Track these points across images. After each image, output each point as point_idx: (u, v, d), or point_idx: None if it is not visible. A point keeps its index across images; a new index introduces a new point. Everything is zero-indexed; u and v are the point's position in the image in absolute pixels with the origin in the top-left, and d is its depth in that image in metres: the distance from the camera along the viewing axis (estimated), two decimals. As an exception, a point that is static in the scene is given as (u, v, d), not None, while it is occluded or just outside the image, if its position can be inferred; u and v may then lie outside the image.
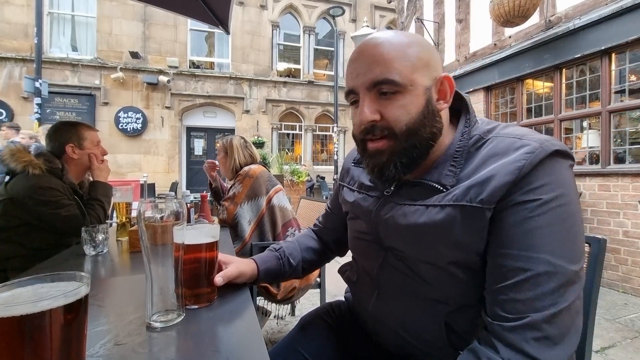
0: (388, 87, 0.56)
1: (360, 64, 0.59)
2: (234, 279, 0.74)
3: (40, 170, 1.36)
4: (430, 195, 0.60)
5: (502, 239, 0.52)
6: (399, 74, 0.56)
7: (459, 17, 5.19)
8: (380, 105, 0.58)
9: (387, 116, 0.58)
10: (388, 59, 0.56)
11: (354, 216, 0.76)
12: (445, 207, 0.56)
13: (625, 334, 2.25)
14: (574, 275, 0.49)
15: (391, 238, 0.66)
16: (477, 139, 0.59)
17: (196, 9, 2.06)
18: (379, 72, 0.56)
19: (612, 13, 3.18)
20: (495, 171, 0.53)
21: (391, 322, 0.68)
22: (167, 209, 0.60)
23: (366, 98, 0.58)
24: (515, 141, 0.54)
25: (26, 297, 0.37)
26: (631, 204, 3.08)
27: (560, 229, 0.50)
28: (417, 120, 0.57)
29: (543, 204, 0.50)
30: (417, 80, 0.57)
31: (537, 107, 4.17)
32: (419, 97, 0.58)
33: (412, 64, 0.57)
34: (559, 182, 0.51)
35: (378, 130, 0.59)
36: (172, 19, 9.50)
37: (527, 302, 0.48)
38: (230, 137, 1.99)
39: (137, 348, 0.52)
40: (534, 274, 0.48)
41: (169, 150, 9.69)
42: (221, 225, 1.72)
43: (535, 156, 0.51)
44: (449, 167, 0.59)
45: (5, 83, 8.35)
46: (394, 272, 0.66)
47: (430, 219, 0.58)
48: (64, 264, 1.05)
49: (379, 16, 11.82)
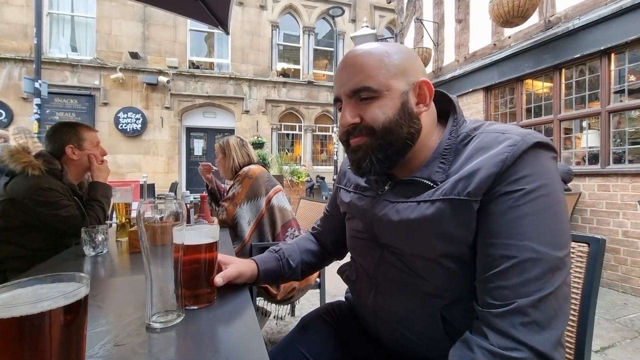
0: (366, 94, 0.62)
1: (343, 74, 0.65)
2: (233, 279, 0.74)
3: (39, 171, 1.36)
4: (421, 192, 0.63)
5: (488, 229, 0.54)
6: (375, 82, 0.61)
7: (459, 17, 5.19)
8: (360, 110, 0.63)
9: (366, 118, 0.63)
10: (367, 69, 0.62)
11: (351, 216, 0.79)
12: (435, 201, 0.59)
13: (624, 334, 2.25)
14: (559, 262, 0.50)
15: (386, 235, 0.68)
16: (465, 137, 0.63)
17: (196, 10, 2.07)
18: (358, 80, 0.62)
19: (611, 13, 3.18)
20: (481, 164, 0.55)
21: (390, 318, 0.69)
22: (166, 210, 0.60)
23: (348, 104, 0.64)
24: (498, 135, 0.58)
25: (26, 298, 0.37)
26: (631, 204, 3.09)
27: (544, 217, 0.52)
28: (393, 120, 0.62)
29: (526, 193, 0.52)
30: (393, 85, 0.62)
31: (537, 107, 4.17)
32: (395, 100, 0.62)
33: (388, 71, 0.62)
34: (541, 172, 0.53)
35: (358, 131, 0.64)
36: (171, 19, 9.50)
37: (513, 289, 0.50)
38: (227, 138, 1.98)
39: (136, 349, 0.52)
40: (519, 261, 0.50)
41: (169, 151, 9.69)
42: (221, 225, 1.72)
43: (518, 148, 0.54)
44: (439, 164, 0.63)
45: (5, 83, 8.35)
46: (390, 268, 0.68)
47: (421, 214, 0.61)
48: (64, 265, 1.05)
49: (378, 16, 11.83)
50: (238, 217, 1.76)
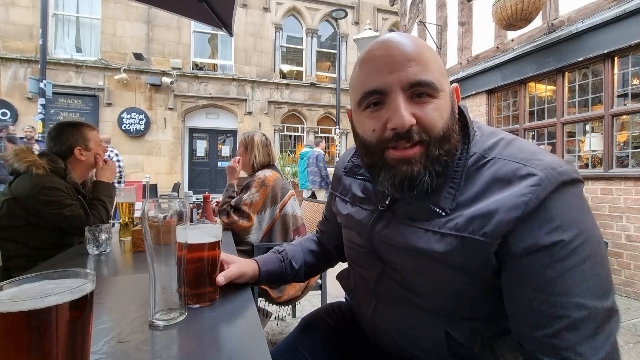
0: (425, 89, 0.53)
1: (390, 60, 0.53)
2: (235, 279, 0.74)
3: (43, 170, 1.37)
4: (427, 216, 0.57)
5: (530, 284, 0.49)
6: (434, 77, 0.53)
7: (462, 20, 5.20)
8: (415, 108, 0.53)
9: (423, 120, 0.53)
10: (425, 60, 0.53)
11: (349, 228, 0.75)
12: (446, 235, 0.54)
13: (627, 339, 2.24)
14: (609, 312, 0.48)
15: (388, 254, 0.64)
16: (478, 158, 0.56)
17: (200, 11, 2.08)
18: (416, 71, 0.52)
19: (615, 17, 3.18)
20: (500, 204, 0.50)
21: (391, 330, 0.67)
22: (170, 209, 0.61)
23: (401, 98, 0.53)
24: (519, 168, 0.51)
25: (33, 292, 0.38)
26: (634, 208, 3.07)
27: (588, 267, 0.48)
28: (449, 125, 0.55)
29: (566, 244, 0.47)
30: (445, 85, 0.55)
31: (540, 110, 4.16)
32: (447, 102, 0.55)
33: (440, 68, 0.55)
34: (575, 217, 0.48)
35: (415, 135, 0.53)
36: (175, 20, 9.55)
37: (568, 349, 0.47)
38: (252, 133, 2.01)
39: (139, 346, 0.52)
40: (571, 321, 0.47)
41: (172, 151, 9.72)
42: (227, 229, 1.72)
43: (543, 189, 0.48)
44: (448, 189, 0.56)
45: (10, 84, 8.42)
46: (393, 284, 0.65)
47: (430, 247, 0.55)
48: (67, 263, 1.06)
49: (381, 19, 11.85)
50: (254, 227, 1.80)
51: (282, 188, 1.88)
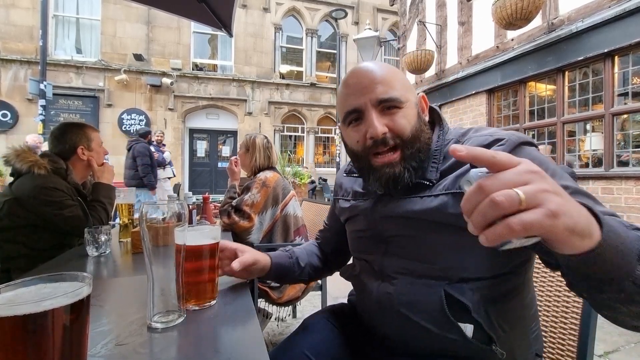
0: (392, 103, 0.66)
1: (361, 85, 0.67)
2: (249, 265, 0.78)
3: (45, 171, 1.37)
4: (419, 189, 0.68)
5: None
6: (398, 93, 0.66)
7: (461, 19, 5.19)
8: (386, 119, 0.66)
9: (394, 127, 0.66)
10: (389, 80, 0.67)
11: (353, 216, 0.82)
12: (438, 195, 0.65)
13: (628, 338, 2.23)
14: None
15: (391, 227, 0.71)
16: (455, 141, 0.69)
17: (199, 12, 2.08)
18: (382, 90, 0.66)
19: (615, 16, 3.18)
20: None
21: (394, 303, 0.70)
22: (169, 211, 0.61)
23: (374, 114, 0.66)
24: (489, 137, 0.64)
25: (29, 296, 0.38)
26: (635, 207, 3.07)
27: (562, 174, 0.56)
28: (417, 128, 0.67)
29: None
30: (409, 97, 0.68)
31: (540, 109, 4.16)
32: (413, 110, 0.68)
33: (404, 84, 0.69)
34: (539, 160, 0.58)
35: (390, 140, 0.66)
36: (175, 21, 9.56)
37: None
38: (254, 135, 2.01)
39: (138, 348, 0.52)
40: None
41: (172, 152, 9.71)
42: (228, 229, 1.72)
43: (508, 146, 0.59)
44: (431, 164, 0.68)
45: (11, 85, 8.43)
46: (396, 259, 0.71)
47: (425, 206, 0.65)
48: (67, 265, 1.06)
49: (381, 19, 11.85)
50: (255, 227, 1.80)
51: (283, 189, 1.88)
